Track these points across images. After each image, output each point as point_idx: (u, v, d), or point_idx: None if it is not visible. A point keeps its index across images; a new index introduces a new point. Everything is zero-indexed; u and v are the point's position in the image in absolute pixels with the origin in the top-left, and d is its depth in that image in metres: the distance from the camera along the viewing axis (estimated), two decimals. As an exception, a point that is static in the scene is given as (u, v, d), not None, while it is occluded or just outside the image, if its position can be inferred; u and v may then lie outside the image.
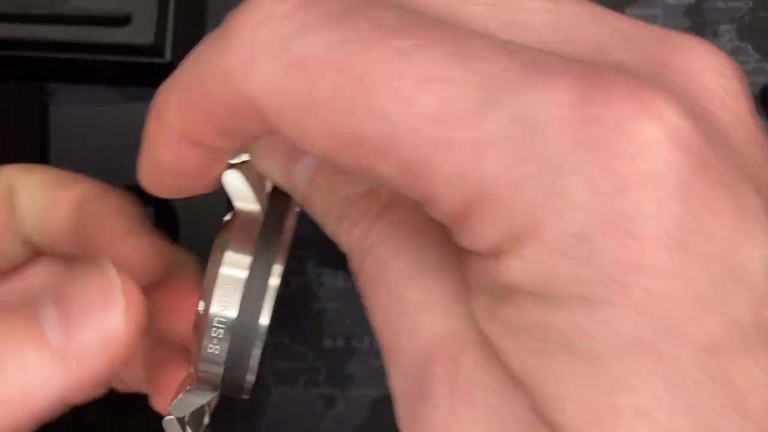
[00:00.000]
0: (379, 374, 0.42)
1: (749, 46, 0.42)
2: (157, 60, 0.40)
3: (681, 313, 0.17)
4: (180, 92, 0.19)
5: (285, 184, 0.23)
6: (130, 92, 0.43)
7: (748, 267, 0.17)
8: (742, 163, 0.18)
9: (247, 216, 0.24)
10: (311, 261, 0.41)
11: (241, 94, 0.17)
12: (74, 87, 0.43)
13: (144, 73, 0.42)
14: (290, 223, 0.24)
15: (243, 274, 0.23)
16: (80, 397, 0.21)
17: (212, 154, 0.20)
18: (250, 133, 0.19)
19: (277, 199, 0.24)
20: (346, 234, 0.21)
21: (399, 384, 0.20)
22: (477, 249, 0.18)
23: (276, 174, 0.23)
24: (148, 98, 0.28)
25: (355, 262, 0.21)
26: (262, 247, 0.23)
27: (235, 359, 0.24)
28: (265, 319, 0.23)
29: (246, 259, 0.23)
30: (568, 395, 0.17)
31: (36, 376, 0.20)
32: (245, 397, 0.25)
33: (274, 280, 0.23)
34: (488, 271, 0.18)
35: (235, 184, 0.24)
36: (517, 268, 0.17)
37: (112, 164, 0.43)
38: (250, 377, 0.24)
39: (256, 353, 0.24)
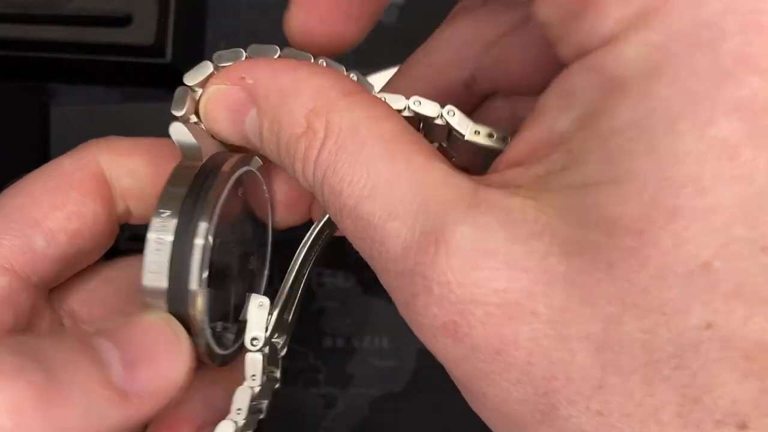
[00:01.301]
0: (379, 374, 0.42)
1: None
2: (157, 60, 0.40)
3: None
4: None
5: (239, 141, 0.25)
6: (130, 92, 0.43)
7: None
8: None
9: (184, 172, 0.24)
10: (311, 261, 0.41)
11: None
12: (74, 87, 0.43)
13: (144, 73, 0.42)
14: (224, 184, 0.24)
15: (169, 237, 0.22)
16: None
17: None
18: None
19: (214, 162, 0.24)
20: (301, 176, 0.23)
21: (392, 285, 0.21)
22: (593, 39, 0.19)
23: (227, 132, 0.25)
24: (148, 98, 0.28)
25: (317, 196, 0.23)
26: (186, 208, 0.23)
27: None
28: (194, 284, 0.22)
29: (172, 222, 0.23)
30: (635, 191, 0.18)
31: (97, 410, 0.21)
32: (219, 364, 0.25)
33: (200, 240, 0.23)
34: (594, 65, 0.19)
35: (180, 136, 0.24)
36: (631, 54, 0.18)
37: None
38: (211, 345, 0.24)
39: (199, 318, 0.23)
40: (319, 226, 0.26)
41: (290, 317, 0.26)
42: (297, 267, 0.26)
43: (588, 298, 0.19)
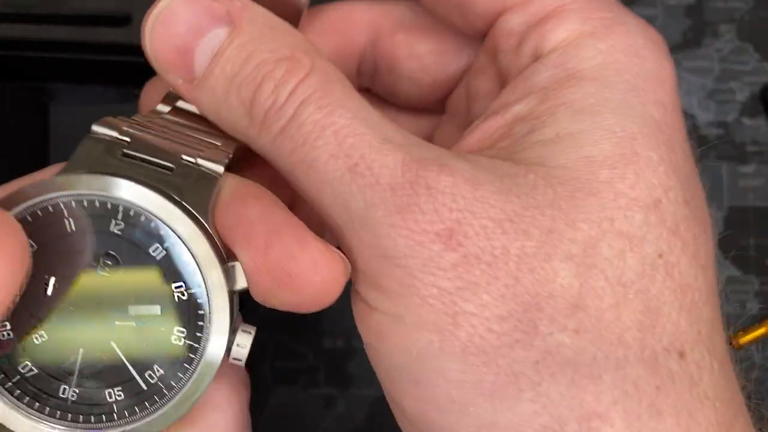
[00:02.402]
0: (379, 374, 0.42)
1: (749, 46, 0.42)
2: (157, 60, 0.40)
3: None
4: None
5: (171, 57, 0.23)
6: (130, 92, 0.43)
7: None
8: None
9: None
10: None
11: None
12: (74, 87, 0.43)
13: (144, 73, 0.41)
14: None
15: None
16: None
17: None
18: None
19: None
20: (266, 96, 0.22)
21: (377, 198, 0.22)
22: (552, 42, 0.25)
23: (169, 39, 0.23)
24: (147, 98, 0.28)
25: (275, 122, 0.22)
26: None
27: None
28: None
29: None
30: (606, 136, 0.23)
31: None
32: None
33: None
34: (555, 63, 0.25)
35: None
36: (586, 55, 0.25)
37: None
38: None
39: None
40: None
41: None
42: None
43: (573, 222, 0.22)
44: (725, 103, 0.42)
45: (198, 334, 0.22)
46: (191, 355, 0.23)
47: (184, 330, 0.23)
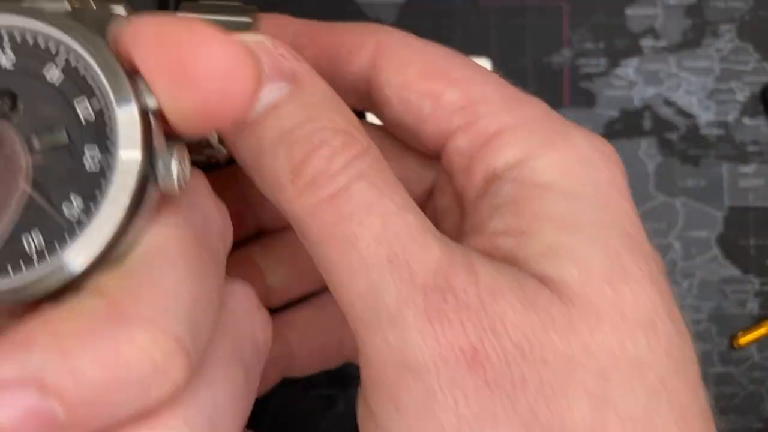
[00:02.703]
0: (379, 374, 0.41)
1: (749, 46, 0.42)
2: (157, 60, 0.40)
3: None
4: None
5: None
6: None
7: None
8: None
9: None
10: (311, 261, 0.41)
11: None
12: (74, 87, 0.43)
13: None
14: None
15: None
16: None
17: None
18: None
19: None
20: (321, 163, 0.22)
21: (408, 295, 0.21)
22: (504, 160, 0.25)
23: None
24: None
25: (330, 191, 0.22)
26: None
27: None
28: None
29: None
30: (597, 247, 0.23)
31: None
32: None
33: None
34: (515, 177, 0.25)
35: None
36: (542, 167, 0.25)
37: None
38: None
39: None
40: None
41: None
42: None
43: (588, 350, 0.21)
44: (725, 103, 0.42)
45: (110, 145, 0.21)
46: (106, 171, 0.21)
47: (94, 146, 0.21)
